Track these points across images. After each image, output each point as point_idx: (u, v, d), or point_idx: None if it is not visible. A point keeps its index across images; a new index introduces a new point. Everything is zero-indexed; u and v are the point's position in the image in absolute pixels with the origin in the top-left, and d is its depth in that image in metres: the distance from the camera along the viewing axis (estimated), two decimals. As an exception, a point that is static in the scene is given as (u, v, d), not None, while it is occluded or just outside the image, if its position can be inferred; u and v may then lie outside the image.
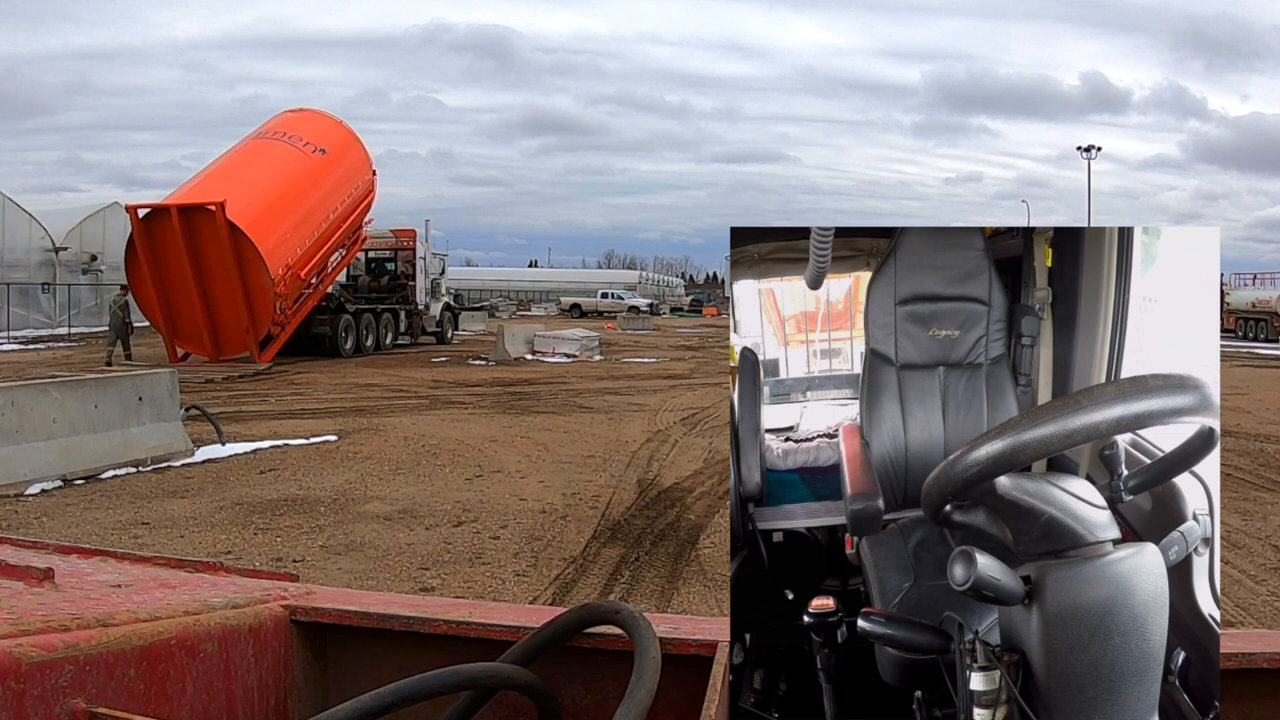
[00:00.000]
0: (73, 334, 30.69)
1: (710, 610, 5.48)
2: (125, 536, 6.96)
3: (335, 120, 26.59)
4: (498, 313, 56.06)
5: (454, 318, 32.30)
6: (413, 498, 8.30)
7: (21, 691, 1.00)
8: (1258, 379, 21.13)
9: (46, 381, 10.33)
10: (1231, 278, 42.29)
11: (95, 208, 36.29)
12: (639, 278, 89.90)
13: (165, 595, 1.33)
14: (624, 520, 7.61)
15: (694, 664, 1.29)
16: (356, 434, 11.67)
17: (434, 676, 1.15)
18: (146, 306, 21.85)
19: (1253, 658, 1.31)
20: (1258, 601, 5.71)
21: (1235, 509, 7.88)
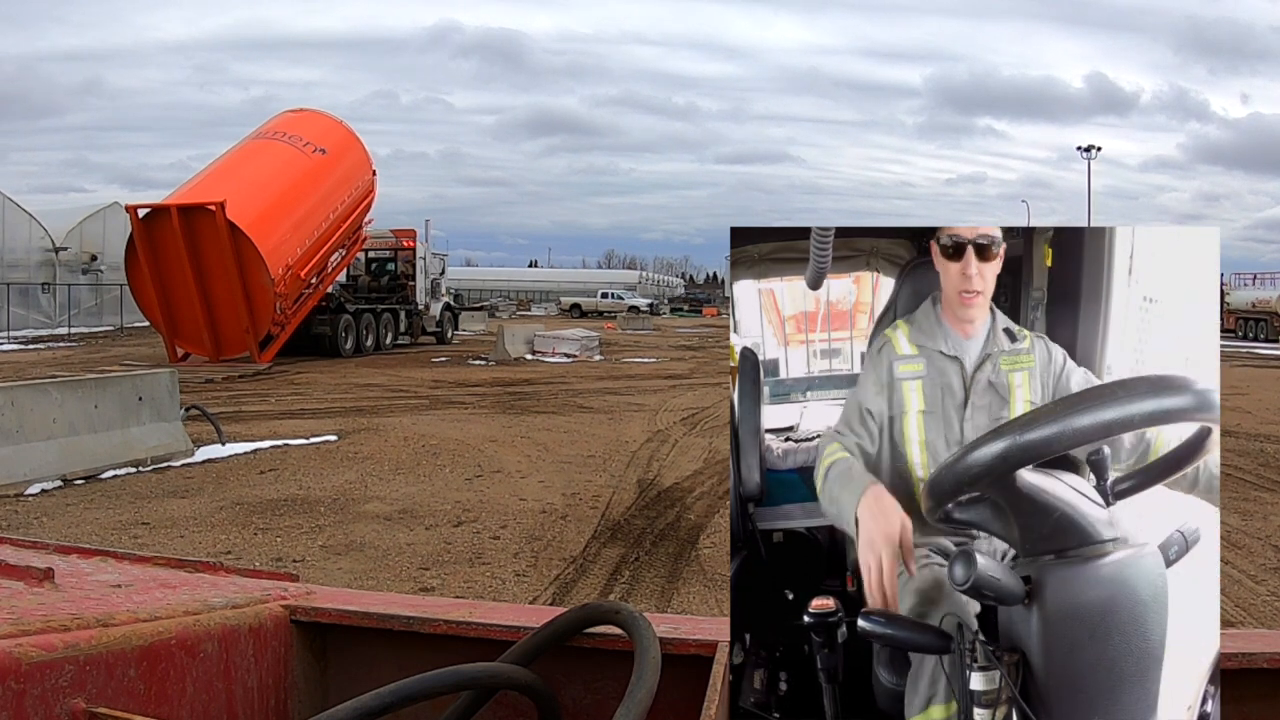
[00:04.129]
0: (73, 334, 30.69)
1: (710, 610, 5.48)
2: (125, 536, 6.96)
3: (335, 120, 26.58)
4: (498, 313, 56.07)
5: (454, 318, 32.29)
6: (413, 498, 8.30)
7: (21, 691, 1.00)
8: (1258, 379, 21.13)
9: (46, 381, 10.34)
10: (1231, 278, 42.31)
11: (95, 208, 36.30)
12: (639, 278, 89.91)
13: (165, 595, 1.33)
14: (624, 520, 7.61)
15: (694, 664, 1.29)
16: (356, 434, 11.67)
17: (434, 676, 1.15)
18: (146, 306, 21.85)
19: (1253, 658, 1.31)
20: (1258, 601, 5.72)
21: (1235, 509, 7.88)
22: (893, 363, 2.04)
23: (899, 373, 2.03)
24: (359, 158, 26.45)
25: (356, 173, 25.91)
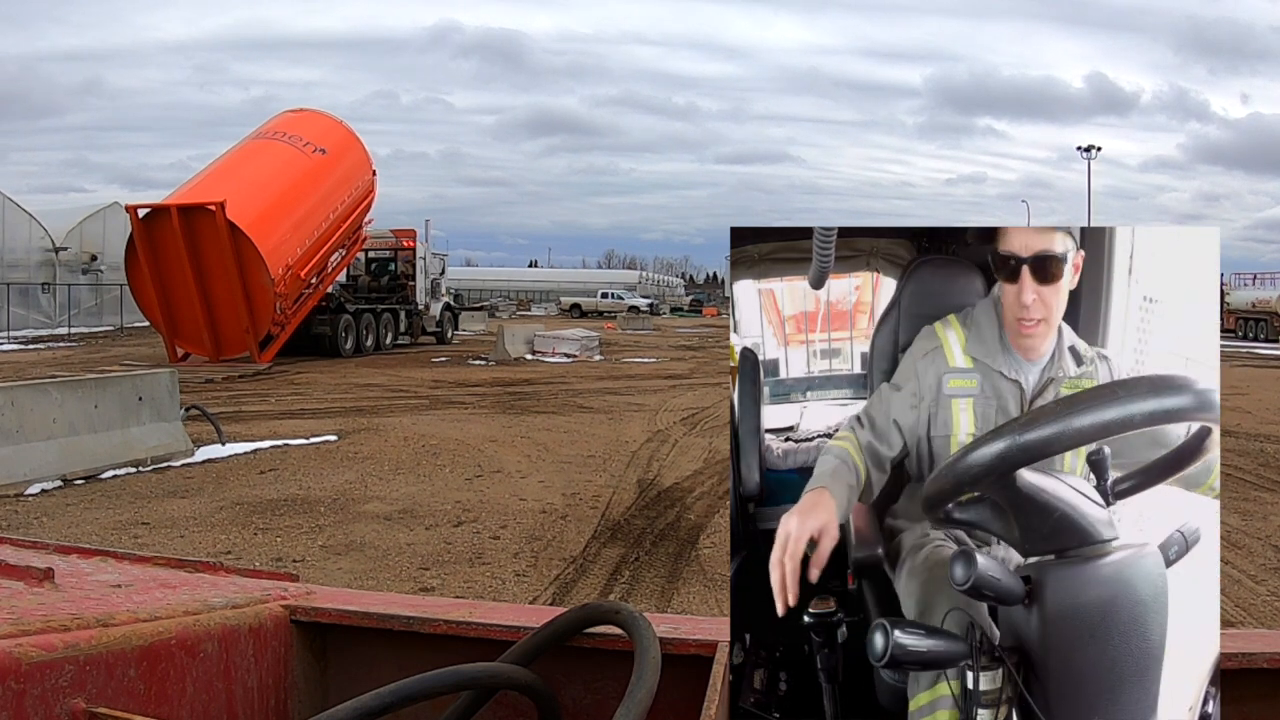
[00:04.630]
0: (73, 334, 30.68)
1: (710, 610, 5.48)
2: (125, 536, 6.96)
3: (335, 120, 26.58)
4: (498, 313, 56.05)
5: (454, 318, 32.29)
6: (413, 498, 8.30)
7: (21, 691, 1.00)
8: (1258, 379, 21.13)
9: (46, 381, 10.34)
10: (1231, 278, 42.33)
11: (95, 208, 36.29)
12: (639, 278, 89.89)
13: (165, 595, 1.33)
14: (624, 520, 7.61)
15: (694, 664, 1.29)
16: (356, 434, 11.67)
17: (434, 676, 1.15)
18: (146, 306, 21.85)
19: (1253, 658, 1.31)
20: (1258, 601, 5.72)
21: (1235, 509, 7.88)
22: (943, 377, 1.80)
23: (948, 389, 1.80)
24: (359, 158, 26.45)
25: (356, 173, 25.91)
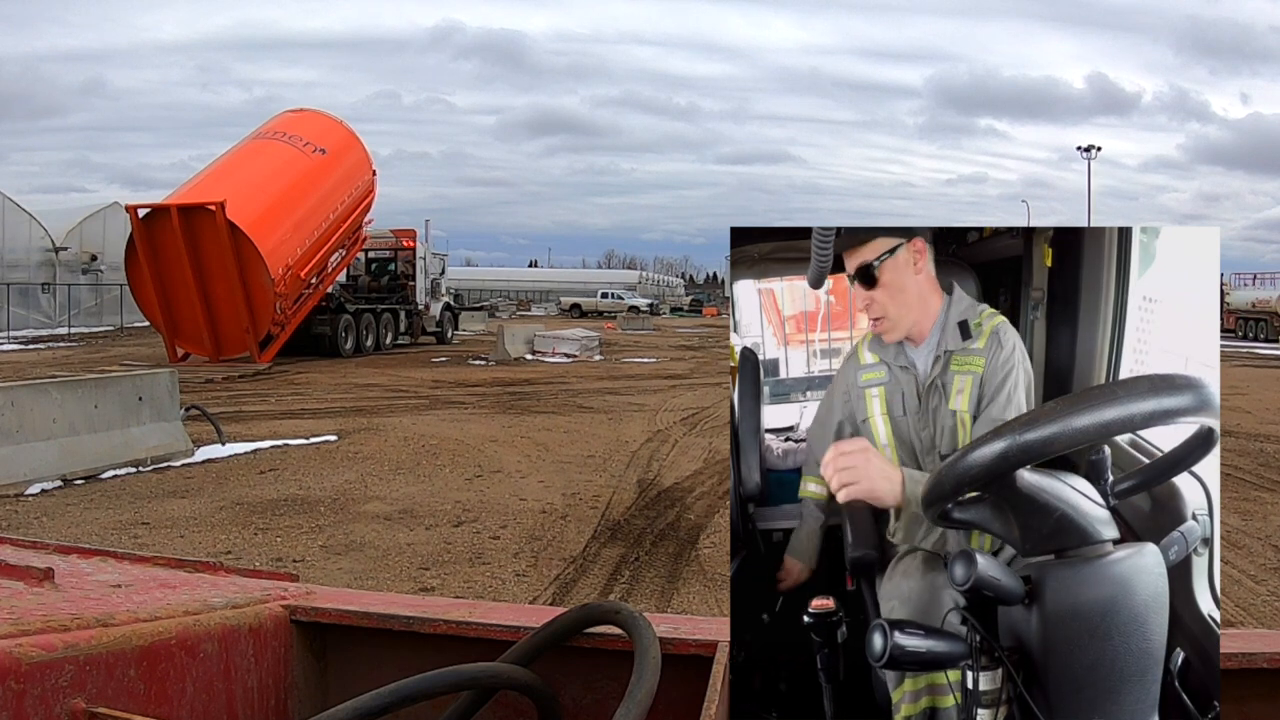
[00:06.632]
0: (73, 334, 30.69)
1: (710, 610, 5.48)
2: (125, 536, 6.96)
3: (335, 120, 26.58)
4: (498, 313, 56.05)
5: (454, 318, 32.29)
6: (413, 498, 8.30)
7: (21, 691, 1.00)
8: (1258, 379, 21.13)
9: (46, 381, 10.34)
10: (1231, 278, 42.33)
11: (95, 208, 36.30)
12: (639, 278, 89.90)
13: (165, 595, 1.33)
14: (624, 520, 7.61)
15: (694, 664, 1.29)
16: (356, 434, 11.67)
17: (434, 676, 1.15)
18: (146, 306, 21.85)
19: (1253, 658, 1.31)
20: (1258, 601, 5.72)
21: (1235, 509, 7.88)
22: (857, 373, 2.11)
23: (861, 381, 2.08)
24: (359, 158, 26.45)
25: (356, 173, 25.90)
